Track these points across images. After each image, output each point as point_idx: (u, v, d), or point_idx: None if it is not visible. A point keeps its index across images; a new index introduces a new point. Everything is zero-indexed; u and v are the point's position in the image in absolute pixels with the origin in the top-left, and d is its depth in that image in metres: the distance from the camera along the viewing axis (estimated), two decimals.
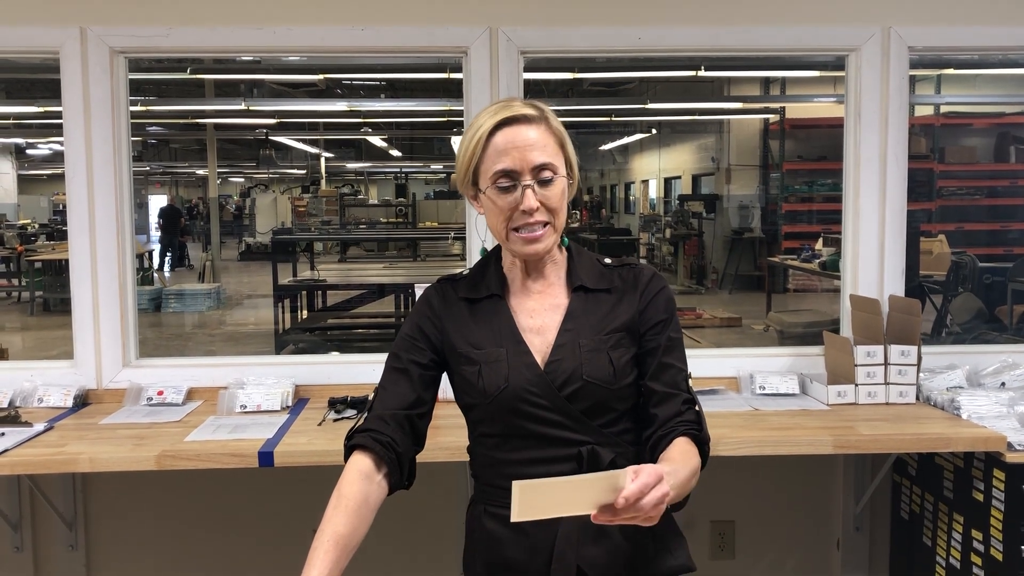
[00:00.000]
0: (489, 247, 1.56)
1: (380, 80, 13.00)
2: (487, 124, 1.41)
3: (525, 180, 1.39)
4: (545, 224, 1.41)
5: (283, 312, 7.82)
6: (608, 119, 13.84)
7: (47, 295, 10.79)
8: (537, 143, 1.40)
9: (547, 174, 1.40)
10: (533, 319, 1.48)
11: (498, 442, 1.47)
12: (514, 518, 1.10)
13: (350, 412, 2.59)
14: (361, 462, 1.41)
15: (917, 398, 2.66)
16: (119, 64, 2.80)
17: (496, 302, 1.50)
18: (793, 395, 2.75)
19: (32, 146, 19.05)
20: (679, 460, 1.34)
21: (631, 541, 1.44)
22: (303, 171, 22.06)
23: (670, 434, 1.41)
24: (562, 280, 1.51)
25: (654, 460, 1.40)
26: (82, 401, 2.76)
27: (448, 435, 2.18)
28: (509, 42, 2.79)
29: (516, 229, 1.42)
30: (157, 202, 24.91)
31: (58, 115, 2.79)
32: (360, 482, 1.38)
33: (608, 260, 1.54)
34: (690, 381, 1.49)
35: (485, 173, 1.42)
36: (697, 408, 1.46)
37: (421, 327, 1.52)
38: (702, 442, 1.42)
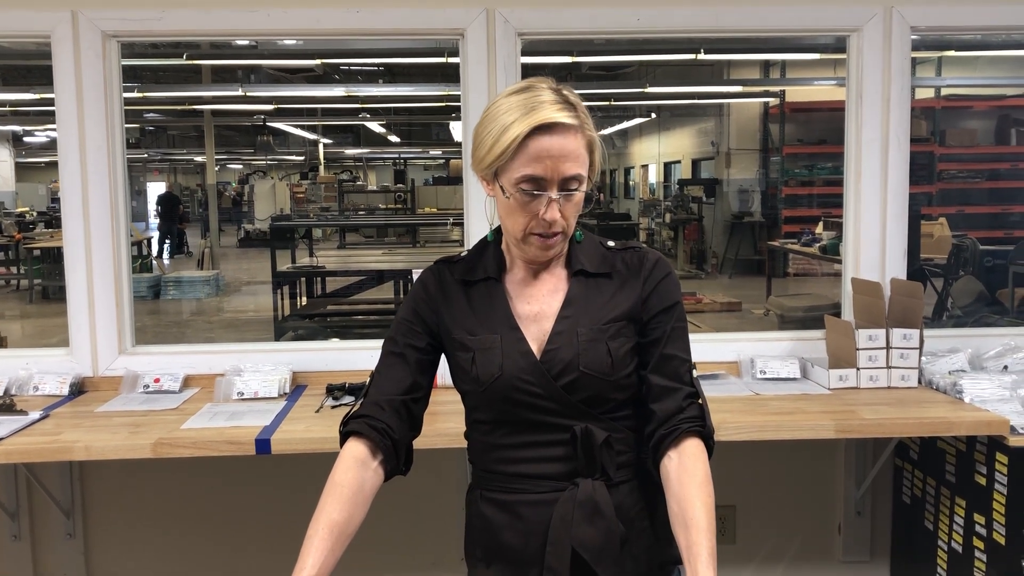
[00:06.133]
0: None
1: (378, 65, 12.94)
2: (522, 128, 1.32)
3: (552, 193, 1.34)
4: (559, 233, 1.38)
5: (282, 299, 7.80)
6: (607, 103, 13.77)
7: (46, 283, 10.78)
8: (571, 154, 1.34)
9: (573, 185, 1.36)
10: (531, 305, 1.45)
11: (492, 428, 1.45)
12: None
13: (348, 399, 2.57)
14: (356, 449, 1.39)
15: (919, 382, 2.64)
16: (111, 48, 2.76)
17: (492, 285, 1.46)
18: (794, 379, 2.74)
19: (29, 133, 19.00)
20: (699, 513, 1.31)
21: (629, 525, 1.42)
22: (301, 157, 21.99)
23: (673, 432, 1.37)
24: (562, 264, 1.47)
25: (657, 461, 1.38)
26: (78, 389, 2.74)
27: (447, 421, 2.16)
28: (506, 23, 2.75)
29: (531, 233, 1.38)
30: (156, 189, 24.88)
31: (54, 101, 2.75)
32: (355, 469, 1.37)
33: (612, 243, 1.50)
34: (694, 372, 1.45)
35: (511, 172, 1.35)
36: (700, 401, 1.42)
37: (417, 310, 1.49)
38: (706, 437, 1.39)
